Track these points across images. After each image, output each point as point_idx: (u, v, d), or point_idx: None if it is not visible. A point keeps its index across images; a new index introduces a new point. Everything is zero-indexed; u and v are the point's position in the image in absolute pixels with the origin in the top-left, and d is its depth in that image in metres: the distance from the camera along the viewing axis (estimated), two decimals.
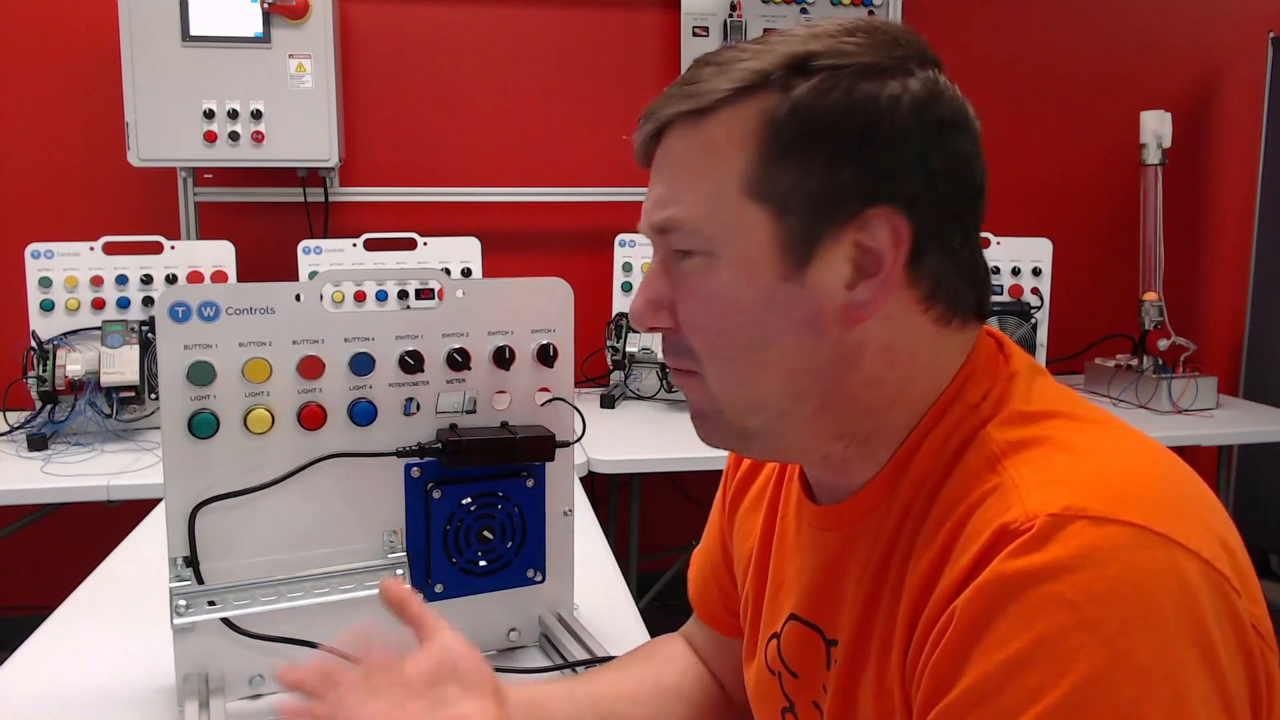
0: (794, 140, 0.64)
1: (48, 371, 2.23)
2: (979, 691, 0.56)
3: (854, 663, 0.70)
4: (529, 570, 1.17)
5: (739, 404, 0.69)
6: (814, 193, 0.64)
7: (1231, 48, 3.45)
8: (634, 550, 2.59)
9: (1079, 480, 0.59)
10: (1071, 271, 3.07)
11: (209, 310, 1.00)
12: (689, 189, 0.68)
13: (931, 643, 0.60)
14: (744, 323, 0.67)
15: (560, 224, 3.12)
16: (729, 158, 0.66)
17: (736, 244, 0.66)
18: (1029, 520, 0.57)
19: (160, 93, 2.54)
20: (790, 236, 0.65)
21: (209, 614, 1.01)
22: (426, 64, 3.01)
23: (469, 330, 1.11)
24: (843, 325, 0.66)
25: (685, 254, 0.68)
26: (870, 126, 0.64)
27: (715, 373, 0.69)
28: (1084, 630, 0.53)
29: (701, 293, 0.68)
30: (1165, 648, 0.53)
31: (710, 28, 3.02)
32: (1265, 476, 3.41)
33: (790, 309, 0.66)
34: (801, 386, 0.68)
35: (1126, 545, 0.55)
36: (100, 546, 1.56)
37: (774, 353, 0.67)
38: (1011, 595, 0.56)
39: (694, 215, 0.67)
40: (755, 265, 0.66)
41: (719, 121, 0.66)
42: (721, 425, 0.72)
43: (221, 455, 1.02)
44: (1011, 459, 0.63)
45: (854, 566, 0.71)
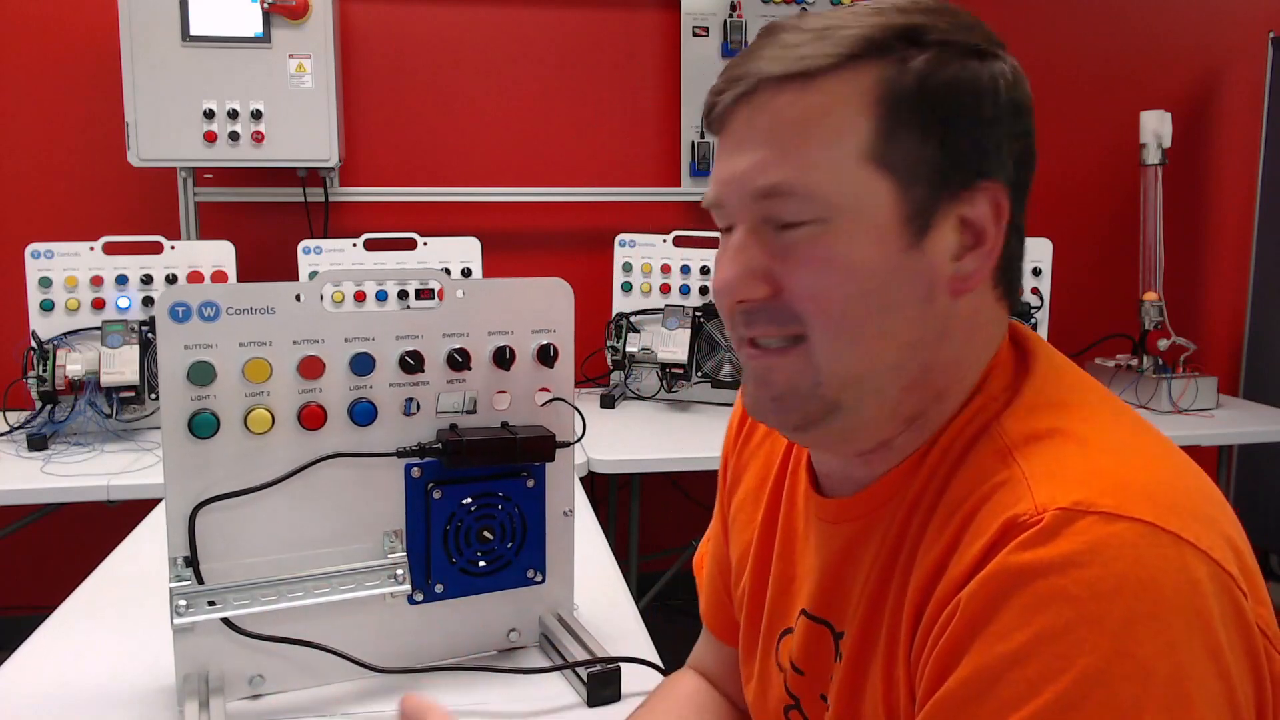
0: (914, 111, 0.64)
1: (48, 371, 2.23)
2: (978, 681, 0.56)
3: (861, 654, 0.70)
4: (529, 570, 1.17)
5: (843, 374, 0.67)
6: (933, 164, 0.65)
7: (1231, 48, 3.45)
8: (634, 550, 2.59)
9: (1091, 475, 0.59)
10: (1071, 271, 3.07)
11: (209, 310, 1.00)
12: (802, 154, 0.65)
13: (936, 633, 0.60)
14: (868, 289, 0.65)
15: (560, 224, 3.12)
16: (848, 124, 0.64)
17: (859, 211, 0.65)
18: (1038, 513, 0.57)
19: (160, 93, 2.54)
20: (913, 206, 0.65)
21: (209, 614, 1.01)
22: (426, 64, 3.01)
23: (469, 330, 1.11)
24: (949, 296, 0.66)
25: (792, 224, 0.66)
26: (979, 103, 0.65)
27: (829, 340, 0.66)
28: (1088, 626, 0.53)
29: (823, 259, 0.65)
30: (1171, 647, 0.53)
31: (710, 28, 3.03)
32: (1265, 476, 3.41)
33: (911, 277, 0.65)
34: (906, 359, 0.67)
35: (1136, 542, 0.55)
36: (100, 546, 1.56)
37: (892, 321, 0.66)
38: (1017, 588, 0.55)
39: (811, 180, 0.65)
40: (879, 233, 0.65)
41: (828, 87, 0.65)
42: (812, 400, 0.68)
43: (222, 455, 1.02)
44: (1022, 451, 0.63)
45: (864, 559, 0.71)
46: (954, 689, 0.57)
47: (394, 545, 1.10)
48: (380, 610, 1.11)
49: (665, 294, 2.79)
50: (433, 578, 1.12)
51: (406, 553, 1.10)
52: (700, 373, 2.62)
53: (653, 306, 2.76)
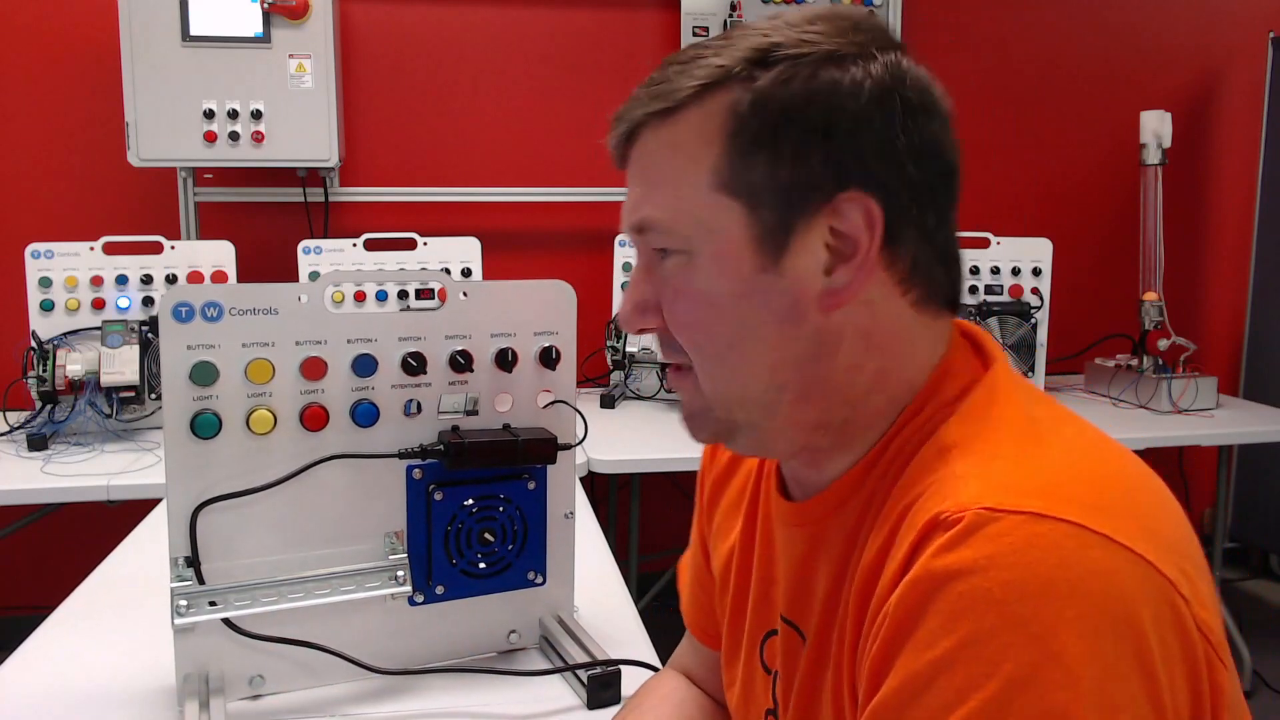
0: (759, 132, 0.64)
1: (48, 371, 2.23)
2: (907, 690, 0.55)
3: (818, 658, 0.70)
4: (529, 572, 1.17)
5: (725, 398, 0.69)
6: (784, 182, 0.64)
7: (1231, 48, 3.45)
8: (634, 550, 2.59)
9: (1021, 474, 0.58)
10: (1071, 271, 3.07)
11: (212, 310, 1.00)
12: (661, 188, 0.68)
13: (872, 638, 0.59)
14: (724, 317, 0.67)
15: (560, 224, 3.12)
16: (698, 154, 0.66)
17: (711, 240, 0.66)
18: (959, 512, 0.56)
19: (160, 93, 2.54)
20: (764, 228, 0.65)
21: (210, 614, 1.01)
22: (426, 64, 3.00)
23: (471, 332, 1.11)
24: (822, 311, 0.66)
25: (664, 253, 0.69)
26: (834, 112, 0.63)
27: (701, 368, 0.70)
28: (1012, 629, 0.52)
29: (683, 291, 0.68)
30: (1098, 651, 0.51)
31: (710, 28, 3.02)
32: (1265, 476, 3.41)
33: (769, 299, 0.66)
34: (783, 377, 0.68)
35: (1062, 543, 0.53)
36: (100, 546, 1.56)
37: (755, 345, 0.67)
38: (937, 592, 0.54)
39: (667, 214, 0.67)
40: (731, 259, 0.66)
41: (686, 119, 0.66)
42: (710, 421, 0.72)
43: (223, 455, 1.02)
44: (960, 450, 0.62)
45: (823, 561, 0.71)
46: (886, 697, 0.56)
47: (395, 546, 1.10)
48: (381, 611, 1.11)
49: None
50: (433, 579, 1.12)
51: (407, 554, 1.10)
52: None
53: None
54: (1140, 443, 2.38)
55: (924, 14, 3.14)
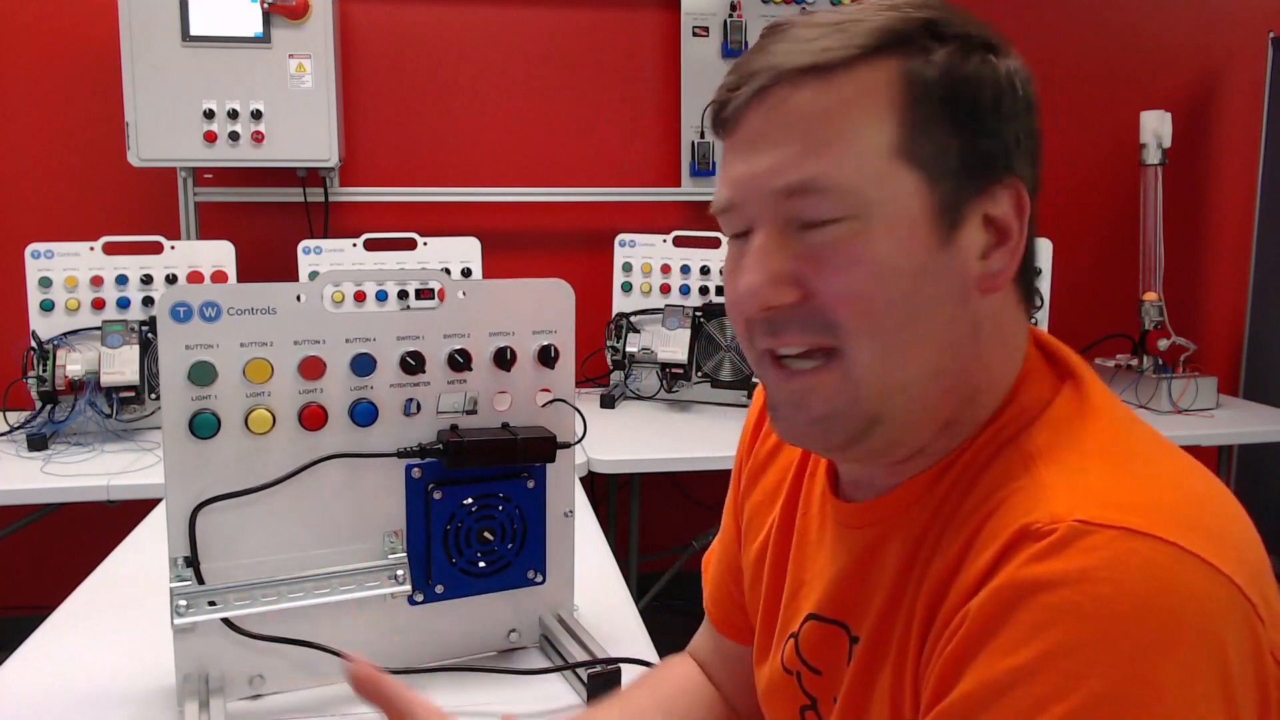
0: (940, 104, 0.63)
1: (48, 371, 2.23)
2: (983, 695, 0.54)
3: (872, 659, 0.69)
4: (529, 571, 1.17)
5: (883, 384, 0.64)
6: (963, 158, 0.63)
7: (1231, 48, 3.45)
8: (634, 550, 2.59)
9: (1114, 489, 0.57)
10: (1071, 271, 3.07)
11: (210, 310, 1.00)
12: (828, 149, 0.62)
13: (944, 642, 0.58)
14: (904, 290, 0.62)
15: (560, 224, 3.12)
16: (873, 117, 0.62)
17: (889, 208, 0.62)
18: (1053, 523, 0.55)
19: (160, 93, 2.54)
20: (942, 202, 0.63)
21: (209, 614, 1.01)
22: (426, 64, 3.00)
23: (470, 331, 1.11)
24: (979, 295, 0.65)
25: (820, 223, 0.63)
26: (1000, 98, 0.64)
27: (866, 347, 0.63)
28: (1101, 646, 0.51)
29: (856, 259, 0.62)
30: (1187, 676, 0.51)
31: (710, 28, 3.02)
32: (1265, 476, 3.41)
33: (943, 276, 0.63)
34: (942, 362, 0.64)
35: (1159, 562, 0.52)
36: (100, 546, 1.56)
37: (928, 323, 0.63)
38: (1025, 600, 0.53)
39: (840, 176, 0.62)
40: (911, 230, 0.62)
41: (853, 79, 0.62)
42: (853, 417, 0.65)
43: (222, 455, 1.02)
44: (1045, 459, 0.61)
45: (885, 564, 0.69)
46: (956, 701, 0.55)
47: (394, 546, 1.10)
48: (380, 610, 1.11)
49: (665, 294, 2.79)
50: (433, 578, 1.12)
51: (407, 553, 1.10)
52: (700, 373, 2.62)
53: (653, 306, 2.76)
54: None
55: None
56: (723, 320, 2.62)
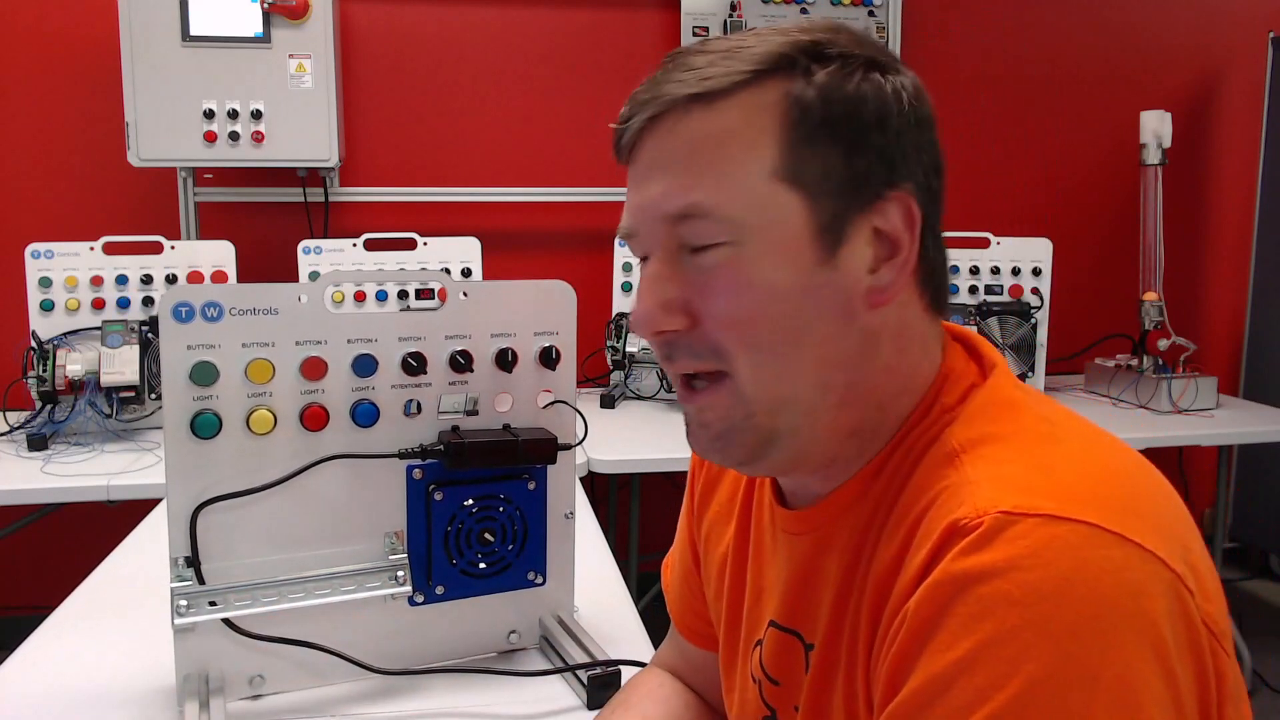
0: (821, 124, 0.64)
1: (48, 371, 2.23)
2: (928, 692, 0.55)
3: (827, 665, 0.70)
4: (529, 572, 1.17)
5: (771, 401, 0.66)
6: (843, 175, 0.64)
7: (1231, 48, 3.45)
8: (634, 550, 2.59)
9: (1033, 477, 0.58)
10: (1071, 271, 3.07)
11: (212, 310, 1.00)
12: (710, 174, 0.64)
13: (889, 642, 0.60)
14: (784, 311, 0.64)
15: (560, 224, 3.12)
16: (755, 141, 0.64)
17: (770, 230, 0.64)
18: (978, 517, 0.56)
19: (160, 93, 2.54)
20: (823, 220, 0.64)
21: (210, 614, 1.01)
22: (426, 64, 3.00)
23: (471, 332, 1.11)
24: (869, 309, 0.66)
25: (704, 248, 0.65)
26: (883, 114, 0.65)
27: (750, 368, 0.66)
28: (1032, 630, 0.53)
29: (735, 283, 0.64)
30: (1117, 650, 0.52)
31: (710, 28, 3.02)
32: (1265, 476, 3.41)
33: (825, 294, 0.65)
34: (829, 377, 0.66)
35: (1078, 544, 0.54)
36: (100, 546, 1.56)
37: (810, 341, 0.65)
38: (959, 595, 0.55)
39: (722, 201, 0.64)
40: (791, 250, 0.64)
41: (736, 105, 0.65)
42: (748, 431, 0.67)
43: (223, 455, 1.02)
44: (969, 455, 0.62)
45: (829, 568, 0.71)
46: (905, 699, 0.57)
47: (395, 546, 1.10)
48: (381, 611, 1.11)
49: None
50: (433, 579, 1.12)
51: (407, 554, 1.10)
52: None
53: None
54: (1140, 443, 2.38)
55: (924, 14, 3.14)
56: None
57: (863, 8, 3.00)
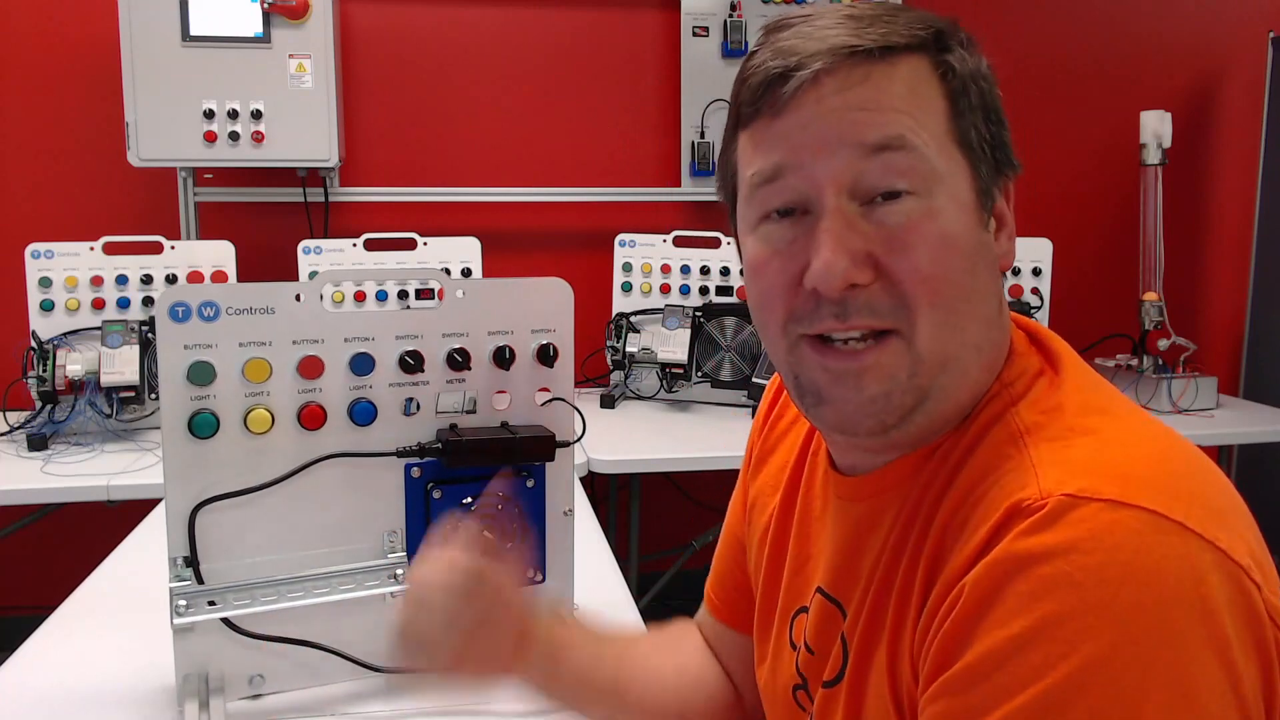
0: (971, 99, 0.67)
1: (48, 371, 2.23)
2: (982, 667, 0.56)
3: (869, 633, 0.70)
4: (529, 570, 1.17)
5: (939, 359, 0.65)
6: (991, 148, 0.68)
7: (1231, 48, 3.45)
8: (634, 550, 2.59)
9: (1098, 463, 0.59)
10: (1071, 271, 3.07)
11: (209, 310, 1.00)
12: (910, 115, 0.64)
13: (941, 617, 0.60)
14: (965, 267, 0.65)
15: (560, 224, 3.12)
16: (932, 99, 0.66)
17: (952, 183, 0.66)
18: (1042, 499, 0.57)
19: (160, 93, 2.54)
20: (982, 184, 0.67)
21: (209, 614, 1.01)
22: (426, 64, 3.00)
23: (469, 330, 1.11)
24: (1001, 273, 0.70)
25: (893, 197, 0.64)
26: (999, 98, 0.70)
27: (930, 325, 0.64)
28: (1091, 613, 0.53)
29: (930, 235, 0.64)
30: (1174, 637, 0.53)
31: (710, 28, 3.02)
32: (1265, 476, 3.41)
33: (986, 253, 0.68)
34: (982, 336, 0.68)
35: (1141, 530, 0.54)
36: (100, 546, 1.56)
37: (981, 298, 0.67)
38: (1019, 573, 0.56)
39: (923, 139, 0.64)
40: (966, 208, 0.66)
41: (911, 65, 0.66)
42: (909, 391, 0.66)
43: (222, 455, 1.02)
44: (1034, 437, 0.63)
45: (876, 538, 0.71)
46: (959, 672, 0.57)
47: (394, 545, 1.10)
48: (380, 610, 1.11)
49: (665, 294, 2.79)
50: None
51: (406, 552, 1.10)
52: (700, 373, 2.62)
53: (653, 306, 2.76)
54: None
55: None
56: (723, 320, 2.62)
57: None
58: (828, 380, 0.67)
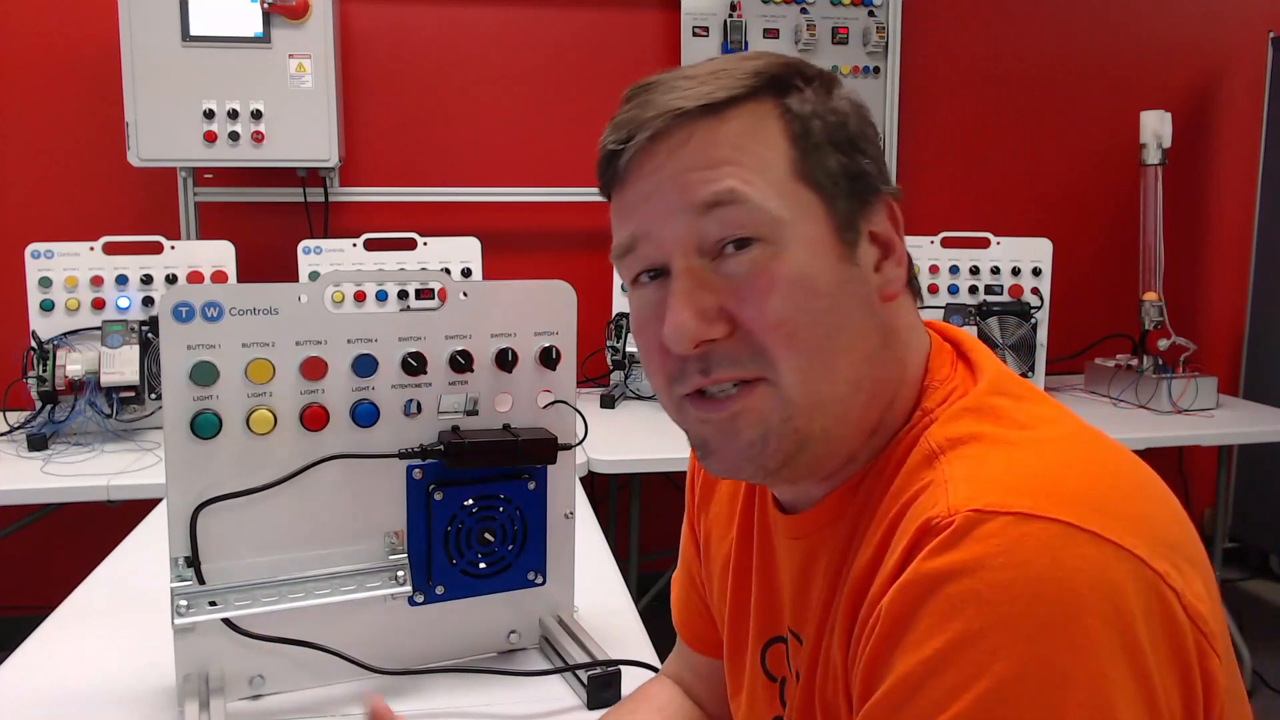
0: (820, 133, 0.67)
1: (48, 371, 2.23)
2: (900, 692, 0.55)
3: (813, 665, 0.71)
4: (529, 572, 1.17)
5: (812, 402, 0.65)
6: (846, 179, 0.67)
7: (1231, 48, 3.45)
8: (634, 550, 2.59)
9: (1010, 476, 0.58)
10: (1071, 271, 3.07)
11: (212, 310, 1.00)
12: (738, 167, 0.65)
13: (864, 642, 0.60)
14: (823, 307, 0.65)
15: (560, 224, 3.12)
16: (771, 144, 0.66)
17: (800, 226, 0.65)
18: (949, 516, 0.56)
19: (160, 93, 2.54)
20: (840, 219, 0.66)
21: (210, 614, 1.01)
22: (426, 64, 3.00)
23: (471, 332, 1.11)
24: (882, 302, 0.68)
25: (738, 248, 0.64)
26: (862, 125, 0.70)
27: (793, 370, 0.64)
28: (1001, 630, 0.52)
29: (776, 281, 0.64)
30: (1087, 651, 0.52)
31: (710, 28, 3.02)
32: (1265, 476, 3.41)
33: (853, 289, 0.66)
34: (861, 373, 0.66)
35: (1051, 542, 0.53)
36: (100, 546, 1.56)
37: (846, 337, 0.66)
38: (930, 594, 0.55)
39: (755, 190, 0.64)
40: (821, 247, 0.65)
41: (743, 114, 0.66)
42: (786, 435, 0.66)
43: (223, 455, 1.02)
44: (948, 455, 0.62)
45: (818, 571, 0.71)
46: (879, 700, 0.57)
47: (395, 546, 1.10)
48: (381, 611, 1.11)
49: None
50: (433, 579, 1.12)
51: (407, 554, 1.10)
52: None
53: None
54: (1140, 443, 2.38)
55: (924, 14, 3.14)
56: None
57: (863, 8, 3.00)
58: (709, 432, 0.69)
